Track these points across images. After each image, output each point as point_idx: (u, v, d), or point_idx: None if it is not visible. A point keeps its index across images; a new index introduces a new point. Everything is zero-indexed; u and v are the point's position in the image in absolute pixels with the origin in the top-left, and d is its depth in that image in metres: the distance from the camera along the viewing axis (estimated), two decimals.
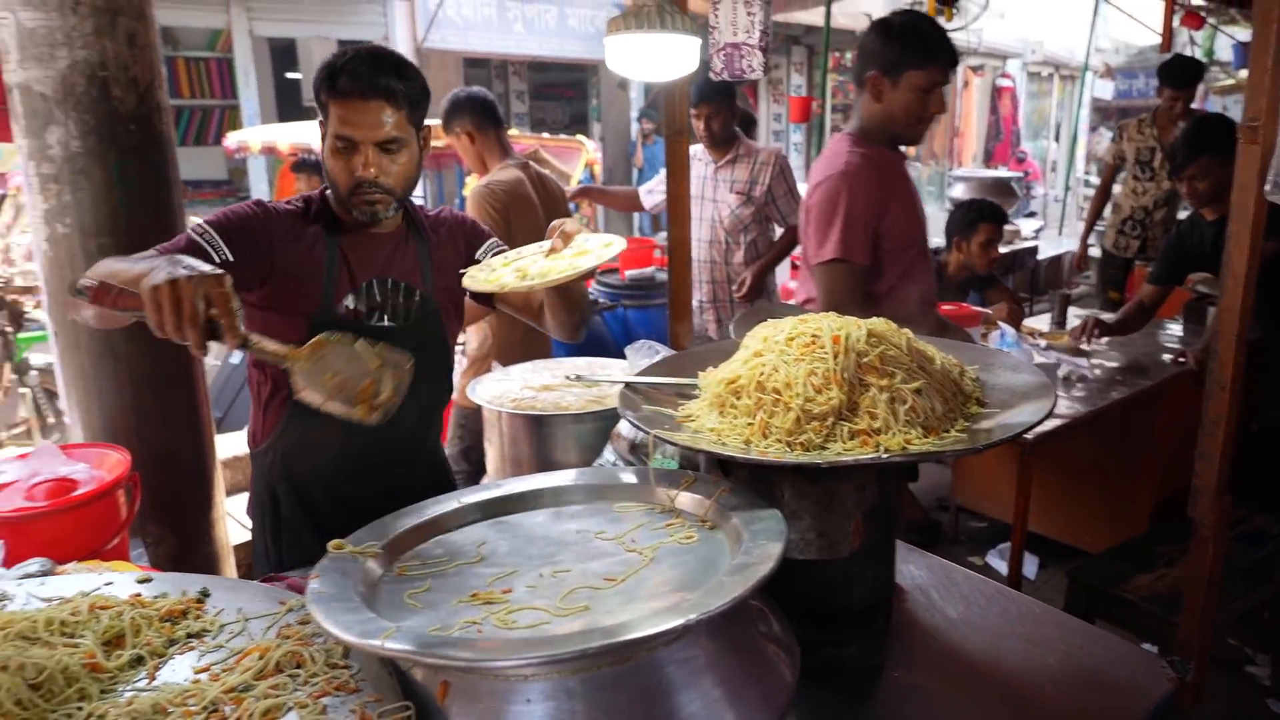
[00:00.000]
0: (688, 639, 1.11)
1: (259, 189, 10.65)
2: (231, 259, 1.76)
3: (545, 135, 8.88)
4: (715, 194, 4.12)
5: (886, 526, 1.56)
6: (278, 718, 1.05)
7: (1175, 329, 4.40)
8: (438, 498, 1.52)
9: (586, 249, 1.78)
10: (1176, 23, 6.31)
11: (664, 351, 2.21)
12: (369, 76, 1.74)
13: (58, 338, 2.62)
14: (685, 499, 1.46)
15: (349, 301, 1.89)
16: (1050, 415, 1.42)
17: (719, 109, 3.99)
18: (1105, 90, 17.84)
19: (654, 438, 1.48)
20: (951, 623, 1.61)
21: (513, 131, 9.20)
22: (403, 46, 11.29)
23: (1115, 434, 3.72)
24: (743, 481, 1.47)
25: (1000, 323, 3.69)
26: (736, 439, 1.42)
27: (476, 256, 2.07)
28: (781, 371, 1.46)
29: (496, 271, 1.83)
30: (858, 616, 1.56)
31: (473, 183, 3.65)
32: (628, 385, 1.73)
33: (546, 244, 1.86)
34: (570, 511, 1.50)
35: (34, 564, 1.77)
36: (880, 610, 1.61)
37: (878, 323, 1.53)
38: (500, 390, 2.55)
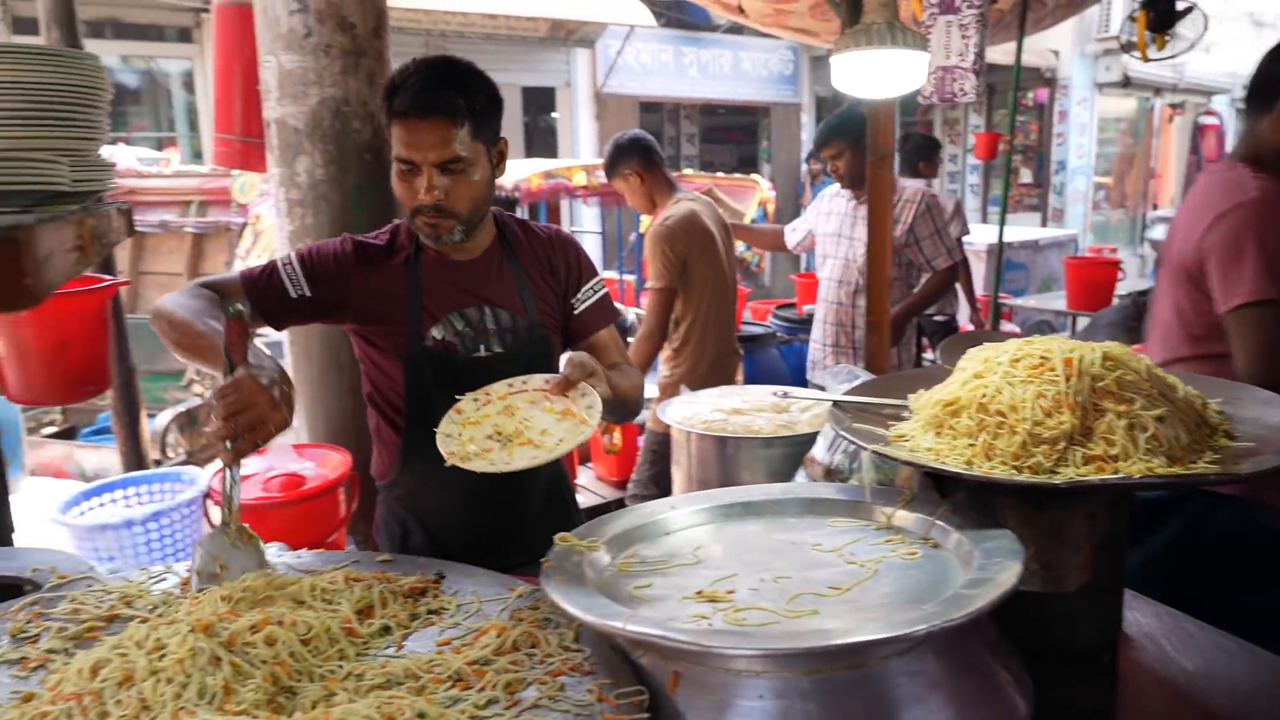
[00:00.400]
0: (921, 652, 1.09)
1: None
2: (309, 294, 1.78)
3: (720, 175, 9.01)
4: (853, 232, 3.80)
5: (1116, 562, 1.47)
6: (518, 690, 1.10)
7: None
8: (650, 503, 1.56)
9: (572, 410, 1.60)
10: None
11: (864, 376, 2.18)
12: (427, 93, 1.64)
13: (292, 346, 2.88)
14: (903, 517, 1.43)
15: (435, 332, 1.83)
16: None
17: (843, 149, 3.68)
18: None
19: (870, 453, 1.47)
20: (1189, 676, 1.49)
21: (686, 172, 9.41)
22: (583, 92, 11.83)
23: None
24: (961, 504, 1.43)
25: None
26: (957, 459, 1.39)
27: (575, 298, 1.98)
28: (1006, 393, 1.42)
29: (466, 432, 1.58)
30: (1081, 658, 1.47)
31: (648, 222, 3.75)
32: (836, 404, 1.73)
33: (539, 380, 1.68)
34: (784, 523, 1.50)
35: (272, 548, 1.94)
36: (1107, 653, 1.51)
37: (1114, 347, 1.46)
38: (690, 412, 2.59)
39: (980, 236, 7.21)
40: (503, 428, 1.56)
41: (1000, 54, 9.41)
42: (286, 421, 1.33)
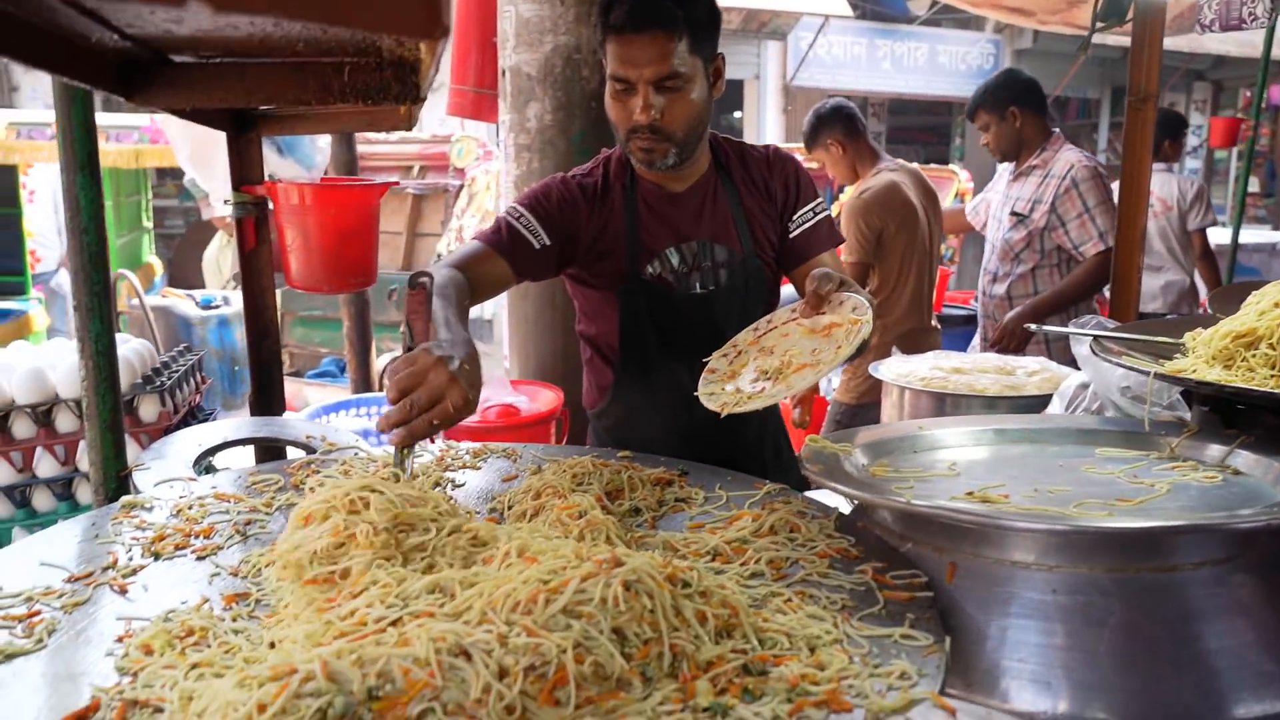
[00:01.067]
0: (1240, 564, 0.98)
1: None
2: (549, 243, 1.70)
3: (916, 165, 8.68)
4: (1002, 212, 3.48)
5: None
6: (782, 568, 1.08)
7: None
8: (894, 423, 1.50)
9: (838, 320, 1.43)
10: None
11: (1112, 324, 2.02)
12: (645, 4, 1.56)
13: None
14: (1189, 446, 1.31)
15: (653, 268, 1.78)
16: None
17: (990, 120, 3.40)
18: None
19: (1152, 378, 1.35)
20: None
21: None
22: (772, 85, 11.74)
23: None
24: (1264, 437, 1.29)
25: None
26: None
27: (792, 220, 1.84)
28: None
29: (730, 385, 1.45)
30: None
31: (849, 194, 3.63)
32: (1099, 339, 1.61)
33: (785, 313, 1.56)
34: (1046, 449, 1.41)
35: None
36: None
37: None
38: (905, 369, 2.49)
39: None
40: (766, 367, 1.42)
41: (1233, 44, 8.53)
42: (469, 403, 1.16)
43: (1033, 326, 2.06)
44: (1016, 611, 0.98)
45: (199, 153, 2.95)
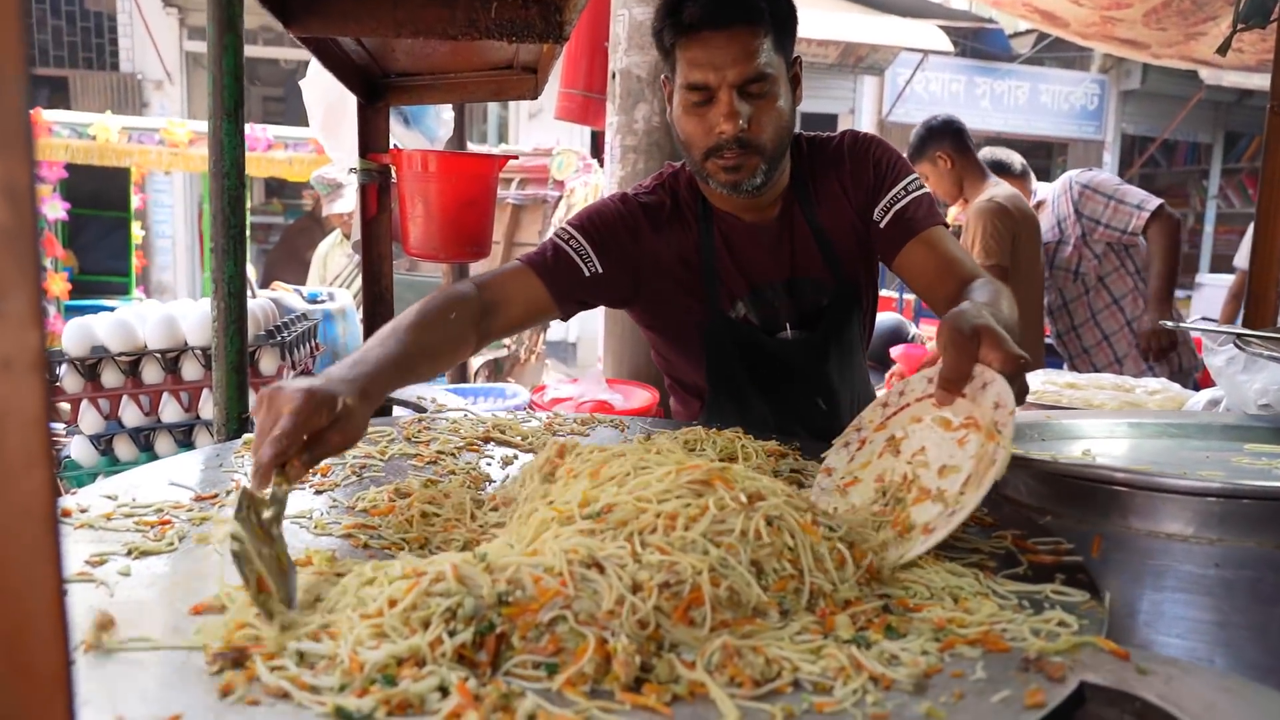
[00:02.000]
0: None
1: None
2: (601, 270, 1.49)
3: None
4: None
5: None
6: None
7: None
8: (1022, 411, 1.43)
9: (976, 416, 1.02)
10: None
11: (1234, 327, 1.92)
12: (722, 6, 1.36)
13: None
14: None
15: (740, 309, 1.57)
16: None
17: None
18: None
19: None
20: None
21: None
22: (867, 120, 11.65)
23: None
24: None
25: None
26: None
27: (883, 202, 1.53)
28: None
29: (844, 502, 1.12)
30: None
31: (953, 214, 3.54)
32: (1241, 336, 1.52)
33: (919, 385, 1.12)
34: (1187, 443, 1.32)
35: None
36: None
37: None
38: None
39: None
40: (887, 478, 1.11)
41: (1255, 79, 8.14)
42: (345, 442, 0.95)
43: (1170, 324, 1.96)
44: (1172, 585, 0.91)
45: (330, 118, 3.07)
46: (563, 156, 4.92)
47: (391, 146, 1.81)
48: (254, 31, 9.70)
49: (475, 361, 4.16)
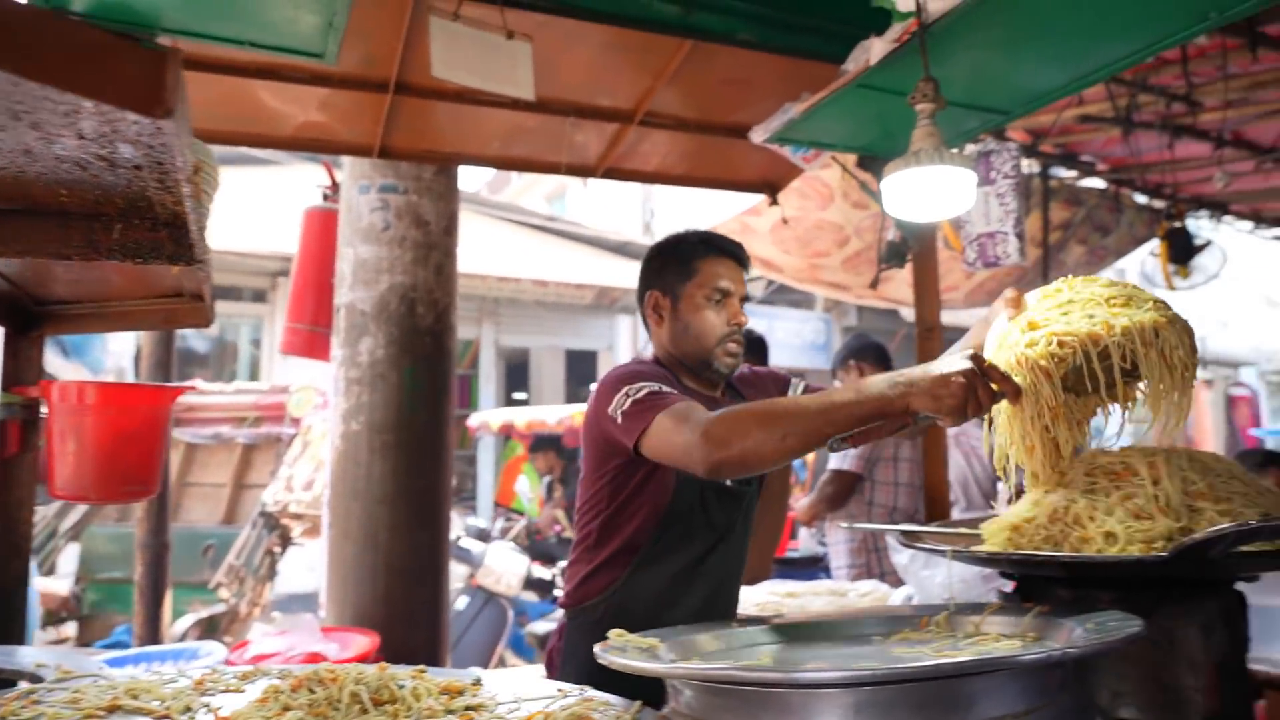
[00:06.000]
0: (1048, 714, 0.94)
1: (485, 479, 11.45)
2: None
3: None
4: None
5: (1242, 689, 1.29)
6: None
7: None
8: (712, 623, 1.43)
9: None
10: None
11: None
12: (736, 246, 1.99)
13: (331, 529, 2.83)
14: (994, 622, 1.29)
15: None
16: None
17: (841, 374, 3.91)
18: None
19: (949, 556, 1.36)
20: None
21: None
22: (623, 355, 12.38)
23: None
24: (1058, 607, 1.29)
25: None
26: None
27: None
28: (1081, 503, 1.34)
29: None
30: None
31: None
32: (907, 533, 1.64)
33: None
34: (858, 638, 1.36)
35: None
36: None
37: (1196, 451, 1.39)
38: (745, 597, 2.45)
39: None
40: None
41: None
42: None
43: (844, 525, 2.10)
44: None
45: None
46: (301, 394, 4.76)
47: (45, 378, 1.64)
48: None
49: (187, 620, 3.69)
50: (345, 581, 2.75)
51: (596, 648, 1.14)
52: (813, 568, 4.43)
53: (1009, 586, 1.49)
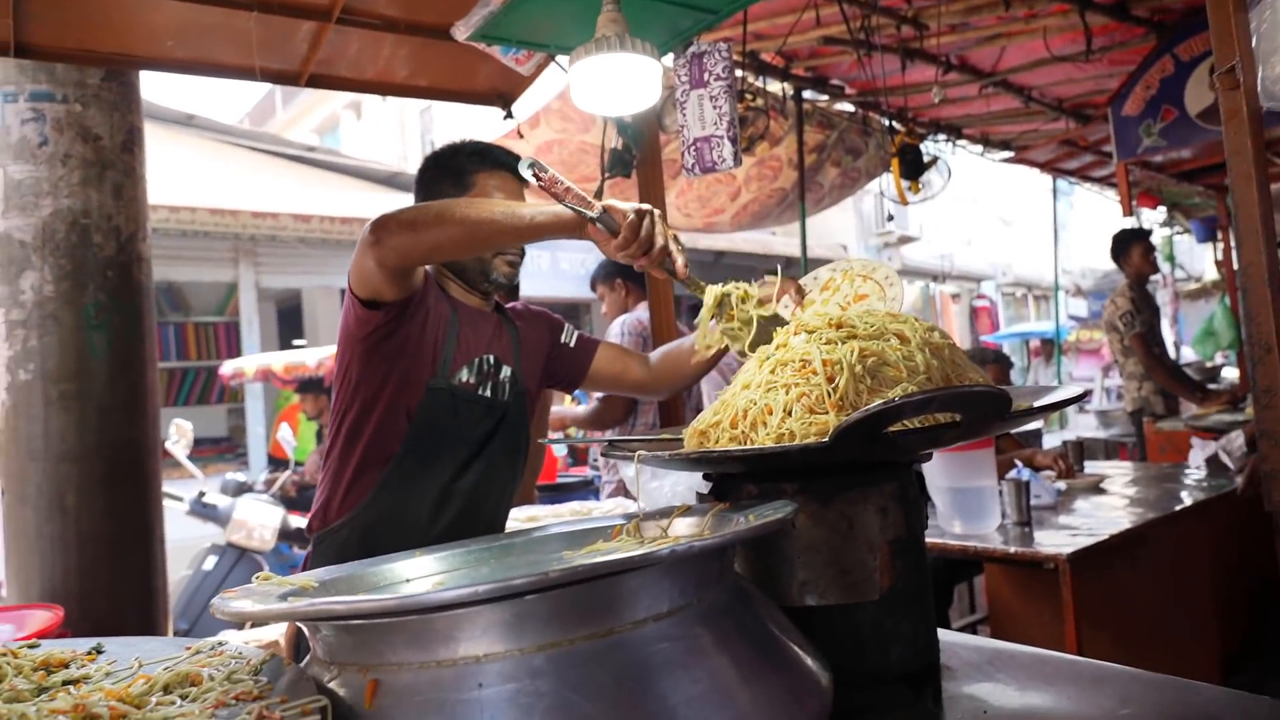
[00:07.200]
0: (685, 616, 0.89)
1: (256, 431, 10.69)
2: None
3: None
4: None
5: (919, 567, 1.33)
6: None
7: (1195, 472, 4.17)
8: (360, 561, 1.31)
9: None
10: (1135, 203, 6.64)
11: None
12: (512, 158, 1.94)
13: (4, 495, 2.44)
14: (680, 524, 1.26)
15: (463, 374, 1.92)
16: (1079, 399, 1.25)
17: (604, 289, 4.23)
18: (1080, 308, 18.55)
19: (637, 459, 1.31)
20: (1024, 689, 1.33)
21: None
22: None
23: (1166, 573, 3.40)
24: (742, 501, 1.27)
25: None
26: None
27: (562, 340, 2.15)
28: (761, 401, 1.31)
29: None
30: (899, 681, 1.29)
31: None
32: (612, 443, 1.58)
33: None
34: (530, 558, 1.29)
35: None
36: (928, 679, 1.34)
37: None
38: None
39: None
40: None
41: (792, 246, 10.26)
42: None
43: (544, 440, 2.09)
44: None
45: None
46: None
47: None
48: None
49: None
50: (28, 554, 2.38)
51: (215, 599, 0.98)
52: (584, 490, 4.43)
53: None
